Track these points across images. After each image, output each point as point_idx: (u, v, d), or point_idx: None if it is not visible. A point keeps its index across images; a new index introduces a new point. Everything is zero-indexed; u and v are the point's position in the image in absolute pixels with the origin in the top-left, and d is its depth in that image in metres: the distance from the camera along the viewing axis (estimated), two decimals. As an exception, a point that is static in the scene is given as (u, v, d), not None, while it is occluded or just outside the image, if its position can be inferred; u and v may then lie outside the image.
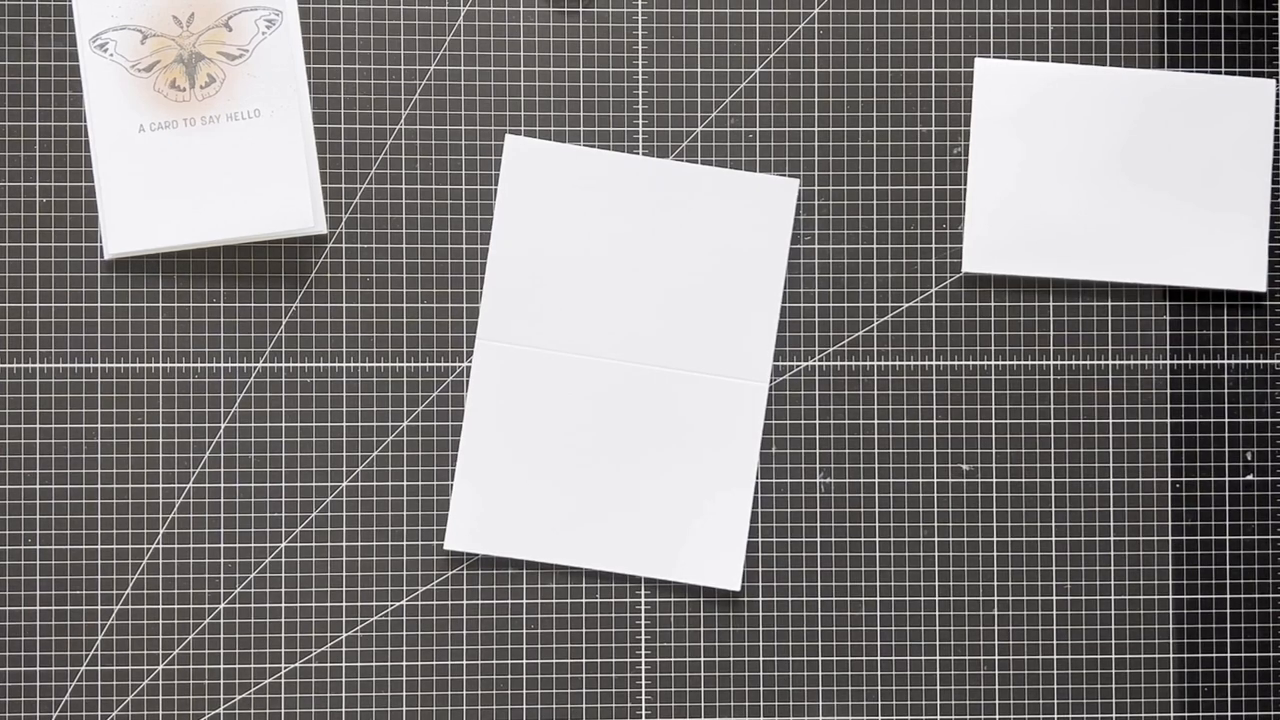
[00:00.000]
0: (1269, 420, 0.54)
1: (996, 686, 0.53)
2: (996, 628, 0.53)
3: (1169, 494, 0.54)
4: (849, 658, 0.53)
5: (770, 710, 0.53)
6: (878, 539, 0.53)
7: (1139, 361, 0.54)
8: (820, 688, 0.53)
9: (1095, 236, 0.53)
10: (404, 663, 0.52)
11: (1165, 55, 0.54)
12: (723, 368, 0.47)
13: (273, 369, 0.53)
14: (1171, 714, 0.53)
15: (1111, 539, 0.54)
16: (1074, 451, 0.54)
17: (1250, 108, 0.54)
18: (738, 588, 0.45)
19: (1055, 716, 0.53)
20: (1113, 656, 0.53)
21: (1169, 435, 0.54)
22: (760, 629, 0.53)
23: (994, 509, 0.53)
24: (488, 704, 0.53)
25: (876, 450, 0.53)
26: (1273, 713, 0.53)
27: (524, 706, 0.53)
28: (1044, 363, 0.54)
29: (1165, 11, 0.54)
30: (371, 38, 0.53)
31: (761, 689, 0.53)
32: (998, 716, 0.53)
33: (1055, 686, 0.53)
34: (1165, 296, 0.54)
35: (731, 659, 0.53)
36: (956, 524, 0.53)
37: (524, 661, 0.53)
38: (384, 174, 0.53)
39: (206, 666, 0.52)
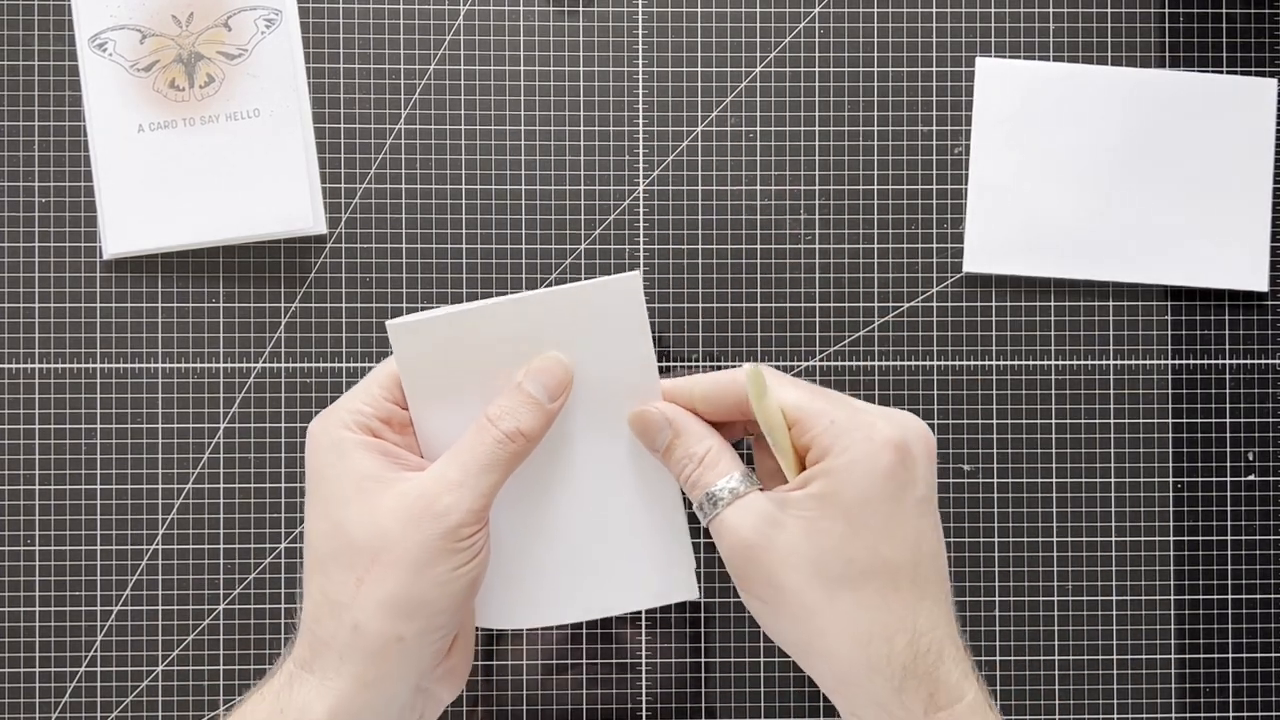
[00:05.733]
0: (1270, 420, 0.54)
1: (997, 687, 0.53)
2: (997, 628, 0.53)
3: (1170, 494, 0.54)
4: (849, 658, 0.53)
5: (770, 710, 0.53)
6: (878, 539, 0.53)
7: (1139, 361, 0.54)
8: (820, 688, 0.53)
9: (1095, 236, 0.53)
10: (404, 663, 0.52)
11: (1165, 55, 0.54)
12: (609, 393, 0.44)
13: (272, 369, 0.53)
14: (1173, 714, 0.53)
15: (1113, 539, 0.54)
16: (1074, 451, 0.54)
17: (1251, 108, 0.54)
18: (696, 596, 0.45)
19: (1055, 717, 0.53)
20: (1114, 657, 0.53)
21: (1170, 435, 0.54)
22: (760, 629, 0.53)
23: (994, 509, 0.53)
24: (488, 704, 0.53)
25: (877, 450, 0.53)
26: (1274, 713, 0.53)
27: (524, 707, 0.53)
28: (1044, 363, 0.54)
29: (1166, 11, 0.54)
30: (371, 37, 0.53)
31: (762, 689, 0.53)
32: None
33: (1056, 687, 0.53)
34: (1166, 296, 0.54)
35: (732, 659, 0.53)
36: (957, 524, 0.53)
37: (524, 662, 0.53)
38: (384, 174, 0.53)
39: (206, 667, 0.52)
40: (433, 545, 0.39)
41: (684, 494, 0.43)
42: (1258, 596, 0.54)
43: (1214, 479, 0.54)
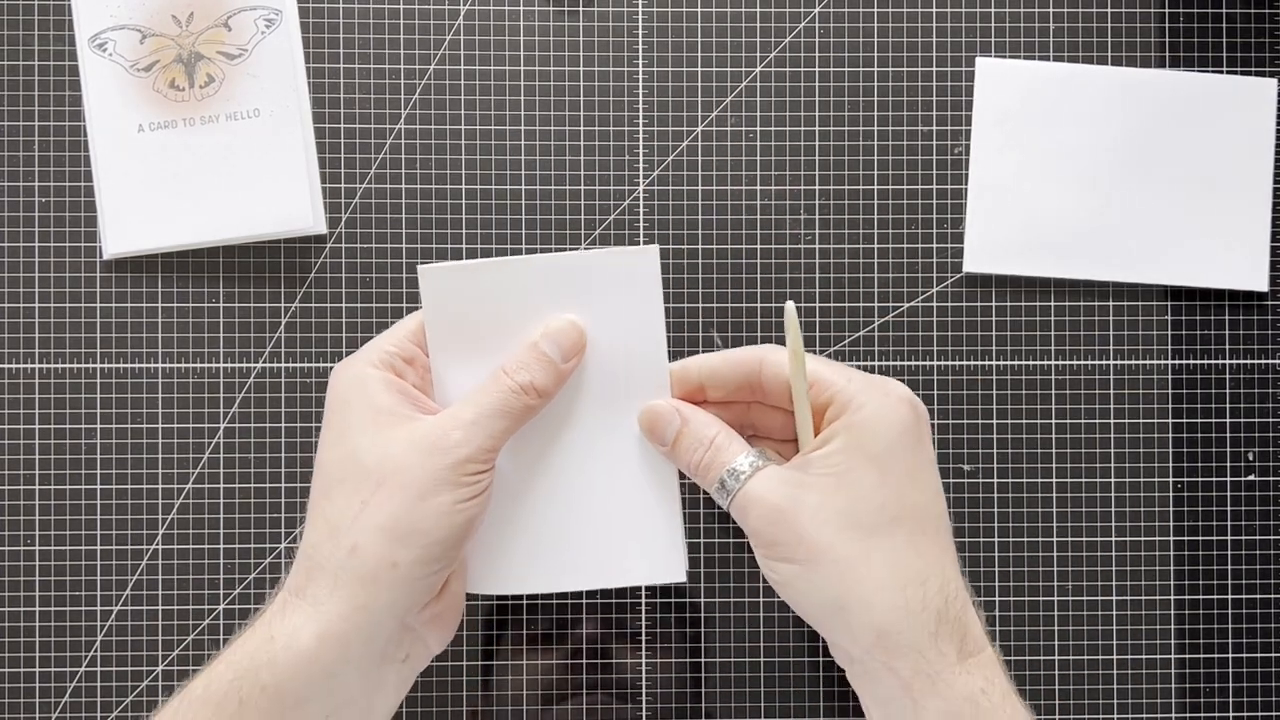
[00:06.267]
0: (1270, 420, 0.54)
1: (997, 687, 0.53)
2: (997, 628, 0.53)
3: (1170, 494, 0.54)
4: (849, 658, 0.53)
5: (770, 710, 0.53)
6: (878, 539, 0.53)
7: (1139, 361, 0.54)
8: (821, 688, 0.53)
9: (1095, 236, 0.53)
10: (404, 663, 0.52)
11: (1165, 55, 0.54)
12: (622, 391, 0.45)
13: (272, 369, 0.53)
14: (1173, 714, 0.53)
15: (1113, 539, 0.54)
16: (1074, 451, 0.54)
17: (1251, 108, 0.54)
18: (684, 578, 0.46)
19: (1055, 717, 0.53)
20: (1114, 657, 0.53)
21: (1170, 435, 0.54)
22: (760, 629, 0.53)
23: (994, 509, 0.53)
24: (488, 704, 0.53)
25: (877, 450, 0.53)
26: (1274, 713, 0.53)
27: (524, 707, 0.53)
28: (1044, 363, 0.54)
29: (1165, 11, 0.54)
30: (371, 37, 0.53)
31: (762, 689, 0.53)
32: (998, 717, 0.53)
33: (1056, 687, 0.53)
34: (1166, 296, 0.54)
35: (732, 659, 0.53)
36: (957, 524, 0.53)
37: (524, 662, 0.53)
38: (384, 174, 0.53)
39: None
40: (439, 475, 0.40)
41: (689, 480, 0.44)
42: (1258, 596, 0.54)
43: (1214, 479, 0.54)
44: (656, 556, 0.45)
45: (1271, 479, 0.54)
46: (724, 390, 0.44)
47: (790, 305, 0.41)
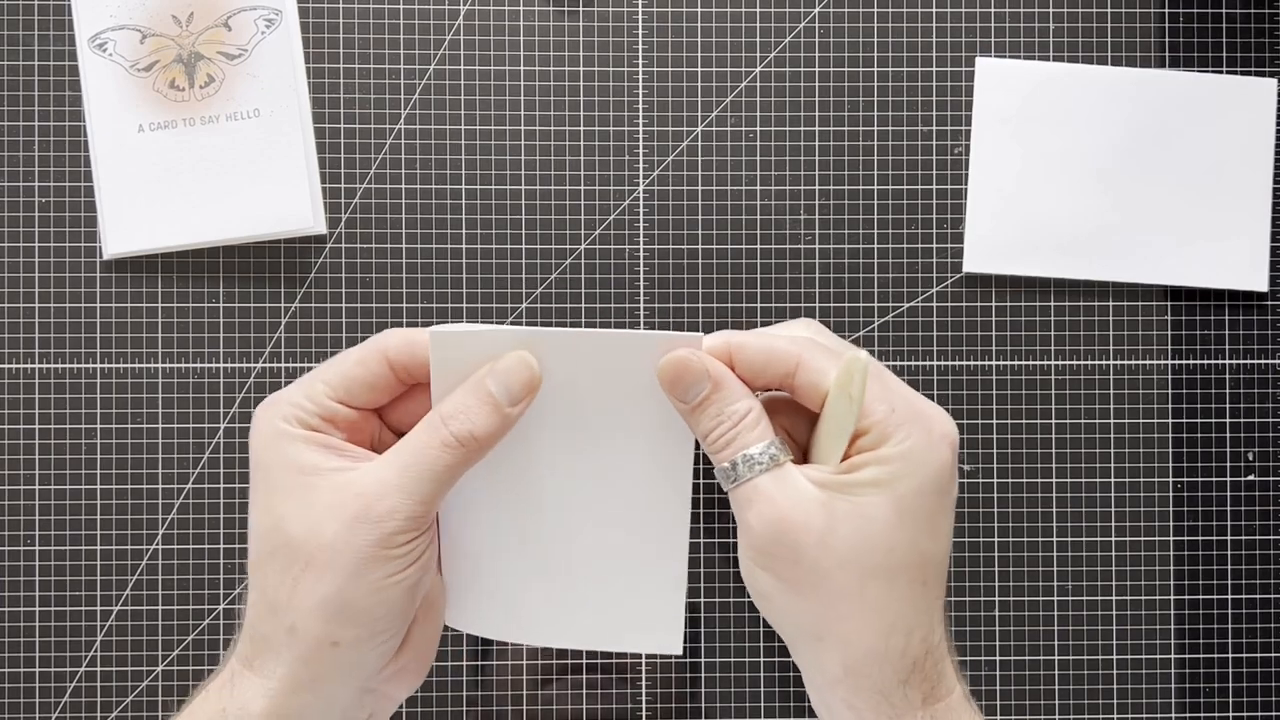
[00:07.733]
0: (1270, 420, 0.54)
1: (998, 687, 0.53)
2: (997, 628, 0.53)
3: (1170, 494, 0.54)
4: (849, 658, 0.53)
5: (770, 710, 0.53)
6: (878, 539, 0.53)
7: (1139, 361, 0.54)
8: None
9: (1095, 236, 0.53)
10: (404, 663, 0.52)
11: (1166, 55, 0.54)
12: (646, 445, 0.42)
13: (273, 369, 0.53)
14: (1173, 714, 0.53)
15: (1113, 539, 0.54)
16: (1074, 451, 0.54)
17: (1251, 108, 0.54)
18: (680, 652, 0.44)
19: (1055, 717, 0.53)
20: (1114, 657, 0.53)
21: (1170, 435, 0.54)
22: (760, 629, 0.53)
23: (994, 509, 0.53)
24: (488, 704, 0.53)
25: (877, 450, 0.53)
26: (1274, 713, 0.53)
27: (524, 708, 0.53)
28: (1044, 363, 0.54)
29: (1166, 11, 0.54)
30: (371, 37, 0.53)
31: (762, 689, 0.53)
32: (998, 716, 0.53)
33: (1055, 687, 0.53)
34: (1166, 296, 0.54)
35: (732, 659, 0.53)
36: (957, 524, 0.53)
37: (524, 662, 0.53)
38: (384, 174, 0.53)
39: (206, 667, 0.52)
40: (367, 552, 0.37)
41: (696, 499, 0.43)
42: (1258, 596, 0.54)
43: (1214, 479, 0.54)
44: (654, 625, 0.43)
45: (1271, 479, 0.54)
46: (753, 381, 0.40)
47: (864, 356, 0.37)
